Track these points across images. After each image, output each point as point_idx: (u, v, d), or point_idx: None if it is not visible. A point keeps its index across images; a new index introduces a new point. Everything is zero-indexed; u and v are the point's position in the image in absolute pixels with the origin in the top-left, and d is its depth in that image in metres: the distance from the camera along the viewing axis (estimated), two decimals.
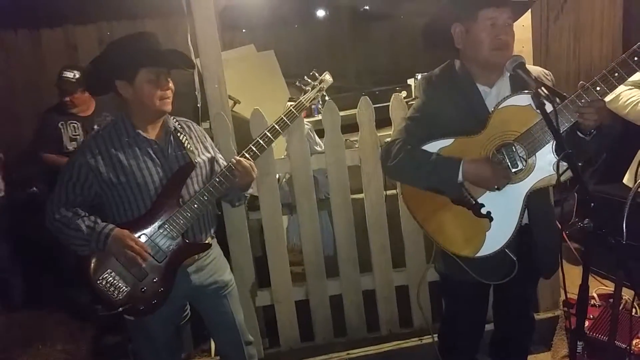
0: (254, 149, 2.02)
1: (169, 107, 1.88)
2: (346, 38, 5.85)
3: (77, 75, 3.48)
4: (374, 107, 2.54)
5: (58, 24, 5.26)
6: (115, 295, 1.81)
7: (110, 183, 1.81)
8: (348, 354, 2.56)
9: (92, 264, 1.81)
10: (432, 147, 1.87)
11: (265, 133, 2.05)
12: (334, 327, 2.67)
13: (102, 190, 1.84)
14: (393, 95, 2.56)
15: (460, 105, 1.86)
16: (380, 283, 2.66)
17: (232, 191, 2.02)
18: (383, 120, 2.61)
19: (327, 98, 2.37)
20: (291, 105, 2.17)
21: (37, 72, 5.04)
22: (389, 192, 2.61)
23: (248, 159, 1.97)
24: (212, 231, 2.04)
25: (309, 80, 2.21)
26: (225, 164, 2.08)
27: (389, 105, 2.54)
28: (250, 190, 2.16)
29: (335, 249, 2.64)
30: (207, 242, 1.99)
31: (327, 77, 2.25)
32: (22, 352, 3.02)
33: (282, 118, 2.11)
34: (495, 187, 1.79)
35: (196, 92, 2.76)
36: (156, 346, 1.99)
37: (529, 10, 2.06)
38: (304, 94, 2.18)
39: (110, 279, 1.81)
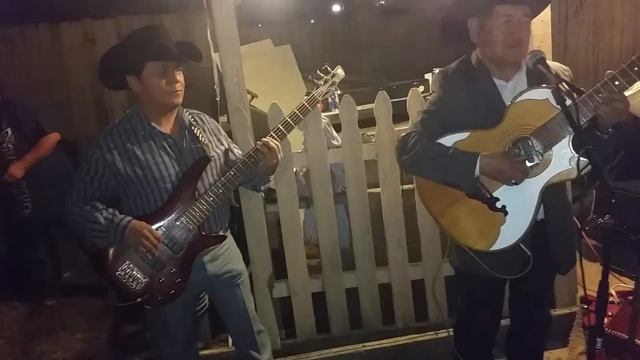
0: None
1: (178, 100, 1.88)
2: (362, 33, 5.85)
3: None
4: (391, 102, 2.54)
5: (77, 18, 5.33)
6: (134, 286, 1.85)
7: (126, 177, 1.84)
8: (364, 346, 2.58)
9: (111, 256, 1.84)
10: (448, 140, 1.87)
11: (279, 127, 2.05)
12: (350, 319, 2.69)
13: (119, 184, 1.87)
14: (410, 90, 2.57)
15: (476, 99, 1.86)
16: (396, 277, 2.67)
17: (256, 175, 2.04)
18: (400, 115, 2.61)
19: (338, 92, 2.34)
20: (304, 99, 2.17)
21: (56, 66, 5.13)
22: (405, 187, 2.62)
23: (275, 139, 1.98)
24: (227, 223, 2.07)
25: (322, 75, 2.20)
26: (240, 153, 2.10)
27: (405, 99, 2.55)
28: (268, 183, 2.18)
29: (352, 243, 2.66)
30: (222, 234, 2.01)
31: (340, 71, 2.23)
32: (43, 340, 3.09)
33: (295, 112, 2.09)
34: (513, 181, 1.79)
35: (215, 86, 2.79)
36: (173, 334, 2.03)
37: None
38: (317, 89, 2.17)
39: (129, 270, 1.84)
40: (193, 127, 1.94)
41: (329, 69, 2.22)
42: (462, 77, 1.91)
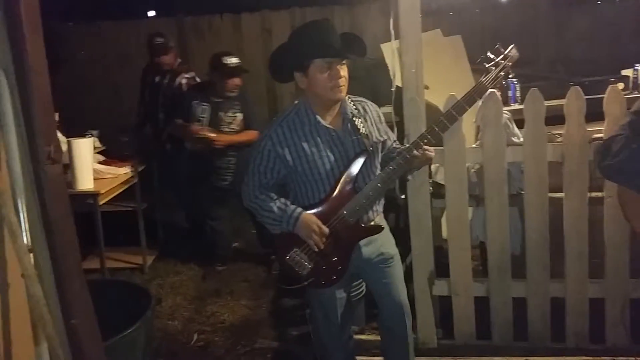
0: (429, 136, 1.95)
1: (341, 95, 1.90)
2: (538, 23, 5.43)
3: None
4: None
5: (256, 9, 5.74)
6: (301, 270, 1.95)
7: (294, 169, 1.93)
8: None
9: (283, 243, 1.97)
10: None
11: (441, 119, 1.96)
12: (513, 329, 2.53)
13: (287, 173, 1.97)
14: (610, 87, 2.30)
15: None
16: (573, 292, 2.44)
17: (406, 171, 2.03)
18: (591, 114, 2.36)
19: (511, 75, 2.09)
20: (473, 88, 2.01)
21: (236, 53, 5.54)
22: (593, 194, 2.36)
23: (426, 144, 1.93)
24: (381, 208, 2.07)
25: (492, 57, 2.00)
26: (395, 143, 2.09)
27: (598, 97, 2.30)
28: (438, 178, 2.12)
29: (523, 249, 2.49)
30: (378, 222, 2.02)
31: (513, 51, 2.00)
32: (213, 301, 3.41)
33: (460, 102, 1.98)
34: None
35: (391, 76, 2.78)
36: (329, 313, 2.10)
37: None
38: (486, 75, 1.99)
39: (297, 257, 1.95)
40: (354, 119, 1.96)
41: (501, 49, 2.02)
42: None
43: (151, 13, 7.12)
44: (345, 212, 1.91)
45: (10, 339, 1.52)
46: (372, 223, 2.00)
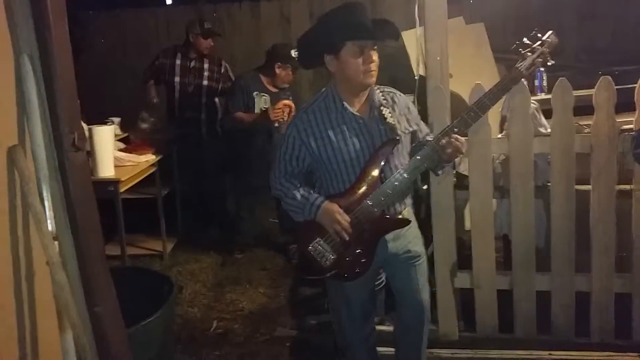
0: (459, 126, 1.89)
1: (372, 80, 1.86)
2: (562, 11, 5.29)
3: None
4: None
5: None
6: (323, 262, 1.92)
7: (319, 157, 1.90)
8: (550, 354, 2.38)
9: (306, 232, 1.94)
10: None
11: (473, 108, 1.90)
12: (537, 323, 2.49)
13: (313, 161, 1.94)
14: None
15: None
16: (598, 287, 2.40)
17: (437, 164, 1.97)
18: (619, 105, 2.29)
19: (550, 63, 1.99)
20: (507, 75, 1.94)
21: (254, 41, 5.55)
22: (621, 187, 2.31)
23: (456, 134, 1.87)
24: (410, 201, 2.03)
25: (529, 42, 1.92)
26: (427, 131, 2.05)
27: (626, 87, 2.23)
28: (461, 169, 2.07)
29: (548, 242, 2.44)
30: (406, 216, 1.98)
31: (552, 37, 1.92)
32: (232, 289, 3.42)
33: (493, 90, 1.91)
34: None
35: (413, 64, 2.74)
36: (351, 304, 2.08)
37: None
38: (522, 61, 1.92)
39: (319, 247, 1.92)
40: (382, 108, 1.91)
41: (539, 35, 1.94)
42: None
43: (169, 1, 7.11)
44: (369, 202, 1.87)
45: (36, 326, 1.54)
46: (400, 216, 1.96)
